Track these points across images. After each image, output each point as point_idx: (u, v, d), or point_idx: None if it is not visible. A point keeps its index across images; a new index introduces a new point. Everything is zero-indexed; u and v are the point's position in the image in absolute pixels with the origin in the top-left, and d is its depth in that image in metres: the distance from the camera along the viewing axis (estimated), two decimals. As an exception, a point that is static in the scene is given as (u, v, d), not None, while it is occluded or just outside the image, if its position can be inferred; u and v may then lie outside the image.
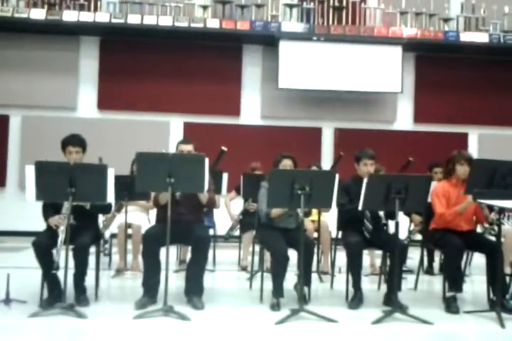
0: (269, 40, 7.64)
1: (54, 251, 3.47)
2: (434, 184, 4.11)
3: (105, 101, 7.80)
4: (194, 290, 3.77)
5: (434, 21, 7.86)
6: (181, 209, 3.87)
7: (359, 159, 4.14)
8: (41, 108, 7.64)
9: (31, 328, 3.22)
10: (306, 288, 3.85)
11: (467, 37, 7.73)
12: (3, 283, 3.61)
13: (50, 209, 3.76)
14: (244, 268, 5.17)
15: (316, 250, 4.36)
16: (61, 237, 3.50)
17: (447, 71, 7.98)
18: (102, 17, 7.39)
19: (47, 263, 3.49)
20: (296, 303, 3.56)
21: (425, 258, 5.10)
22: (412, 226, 5.43)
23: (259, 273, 4.19)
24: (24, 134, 7.65)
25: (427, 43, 7.74)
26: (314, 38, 7.65)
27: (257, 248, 4.50)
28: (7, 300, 3.58)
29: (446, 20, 7.85)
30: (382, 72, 7.68)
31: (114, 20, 7.38)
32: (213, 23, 7.51)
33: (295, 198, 3.58)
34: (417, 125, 8.18)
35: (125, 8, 7.53)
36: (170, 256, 3.57)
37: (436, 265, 5.23)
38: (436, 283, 4.72)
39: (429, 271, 5.20)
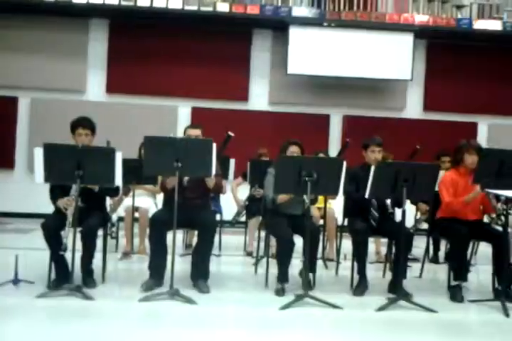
0: (279, 25, 7.57)
1: (62, 233, 3.49)
2: (442, 173, 4.09)
3: (114, 85, 7.78)
4: (200, 274, 3.81)
5: (446, 8, 7.73)
6: (188, 193, 3.89)
7: (367, 146, 4.13)
8: (50, 90, 7.64)
9: (39, 308, 3.27)
10: (311, 275, 3.87)
11: (480, 24, 7.61)
12: (11, 264, 3.66)
13: (58, 192, 3.77)
14: (249, 254, 5.20)
15: (321, 237, 4.37)
16: (69, 219, 3.53)
17: (459, 59, 7.88)
18: (112, -1, 7.33)
19: (55, 245, 3.52)
20: (301, 289, 3.58)
21: (431, 247, 5.10)
22: (419, 215, 5.43)
23: (265, 259, 4.21)
24: (33, 116, 7.67)
25: (439, 30, 7.62)
26: (325, 24, 7.56)
27: (263, 234, 4.52)
28: (16, 281, 3.63)
29: (459, 7, 7.73)
30: (392, 59, 7.59)
31: (123, 3, 7.32)
32: (223, 7, 7.44)
33: (302, 185, 3.58)
34: (426, 113, 8.11)
35: (135, -10, 7.46)
36: (176, 240, 3.58)
37: (441, 254, 5.23)
38: (441, 272, 4.73)
39: (435, 259, 5.20)
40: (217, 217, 5.09)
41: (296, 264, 4.15)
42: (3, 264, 4.09)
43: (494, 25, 7.62)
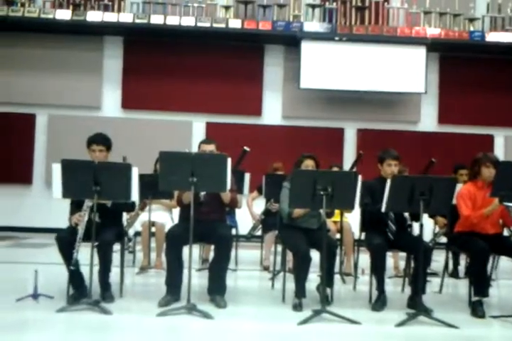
0: (291, 40, 7.65)
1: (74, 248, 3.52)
2: (459, 186, 4.05)
3: (129, 101, 7.90)
4: (217, 288, 3.79)
5: (458, 21, 7.76)
6: (204, 208, 3.89)
7: (383, 160, 4.10)
8: (67, 107, 7.78)
9: (58, 322, 3.28)
10: (328, 290, 3.83)
11: (493, 37, 7.62)
12: (31, 279, 3.68)
13: (74, 207, 3.81)
14: (266, 268, 5.18)
15: (338, 251, 4.34)
16: (80, 234, 3.55)
17: (472, 71, 7.88)
18: (126, 17, 7.49)
19: (69, 258, 3.54)
20: (319, 304, 3.55)
21: (450, 261, 5.03)
22: (437, 229, 5.37)
23: (282, 273, 4.18)
24: (50, 133, 7.80)
25: (451, 43, 7.65)
26: (336, 38, 7.62)
27: (279, 248, 4.50)
28: (35, 295, 3.64)
29: (472, 20, 7.75)
30: (405, 73, 7.61)
31: (137, 21, 7.48)
32: (235, 24, 7.55)
33: (317, 199, 3.56)
34: (441, 126, 8.09)
35: (148, 8, 7.62)
36: (192, 254, 3.58)
37: (461, 268, 5.15)
38: (461, 287, 4.66)
39: (455, 274, 5.12)
40: (233, 231, 5.08)
41: (313, 279, 4.12)
42: (22, 279, 4.12)
43: (507, 37, 7.62)
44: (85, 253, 3.56)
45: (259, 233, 5.46)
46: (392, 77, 7.61)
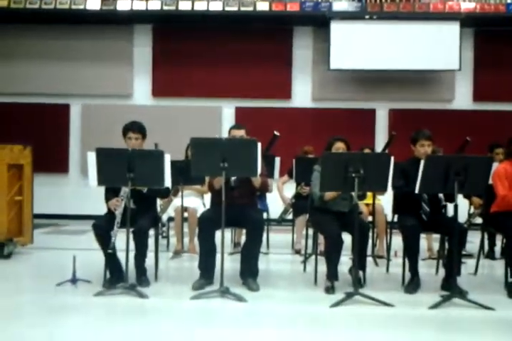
0: (319, 21, 7.52)
1: (111, 233, 3.61)
2: (495, 165, 3.95)
3: (159, 88, 7.97)
4: (249, 272, 3.84)
5: (495, -7, 7.45)
6: (235, 193, 3.92)
7: (416, 140, 4.02)
8: (99, 96, 7.92)
9: (96, 306, 3.40)
10: (361, 272, 3.83)
11: (532, 8, 7.28)
12: (69, 264, 3.81)
13: (111, 193, 3.91)
14: (297, 252, 5.20)
15: (370, 234, 4.31)
16: (118, 219, 3.65)
17: (509, 46, 7.57)
18: (154, 5, 7.51)
19: (106, 245, 3.65)
20: (351, 287, 3.55)
21: (486, 242, 4.94)
22: (472, 209, 5.26)
23: (313, 257, 4.20)
24: (84, 122, 7.98)
25: (486, 17, 7.36)
26: (367, 17, 7.44)
27: (310, 231, 4.50)
28: (74, 280, 3.79)
29: (509, -9, 7.42)
30: (438, 50, 7.38)
31: (165, 8, 7.50)
32: (263, 6, 7.47)
33: (349, 181, 3.54)
34: (476, 104, 7.84)
35: (176, -6, 7.61)
36: (225, 238, 3.63)
37: (497, 249, 5.06)
38: (497, 268, 4.56)
39: (490, 255, 5.03)
40: (264, 215, 5.11)
41: (345, 262, 4.12)
42: (61, 264, 4.27)
43: (547, 8, 7.27)
44: (122, 239, 3.65)
45: (290, 217, 5.48)
46: (425, 54, 7.40)
